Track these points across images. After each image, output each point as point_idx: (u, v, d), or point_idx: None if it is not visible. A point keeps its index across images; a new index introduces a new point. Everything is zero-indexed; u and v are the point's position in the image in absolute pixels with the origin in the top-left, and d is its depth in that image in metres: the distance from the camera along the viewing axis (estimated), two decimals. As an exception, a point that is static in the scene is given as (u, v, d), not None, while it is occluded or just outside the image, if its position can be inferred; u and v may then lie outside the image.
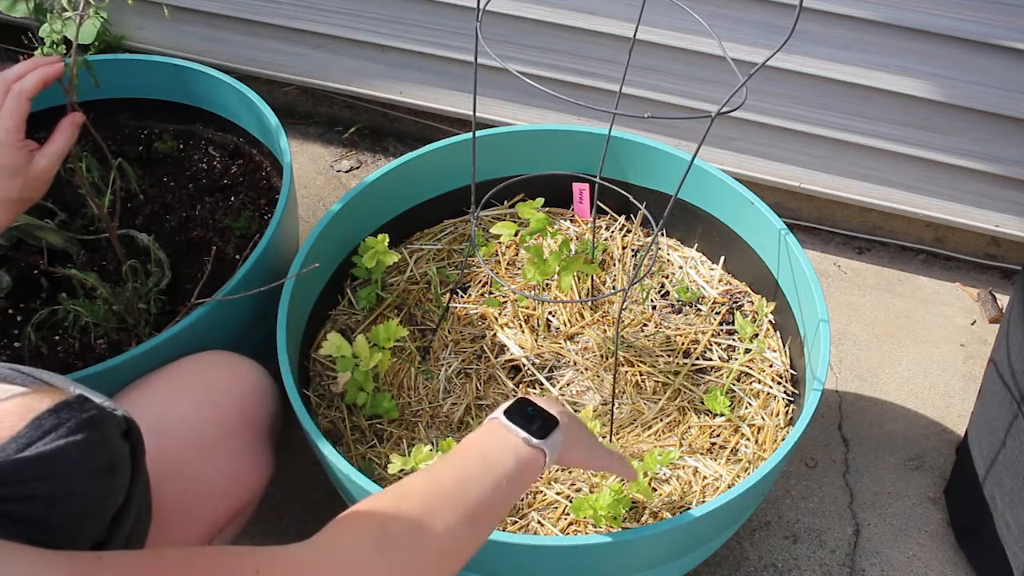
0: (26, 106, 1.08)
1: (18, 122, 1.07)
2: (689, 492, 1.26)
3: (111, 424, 0.76)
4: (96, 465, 0.72)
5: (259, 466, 1.19)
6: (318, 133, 2.15)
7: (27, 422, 0.70)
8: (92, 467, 0.72)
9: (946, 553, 1.49)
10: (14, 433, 0.70)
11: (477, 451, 0.91)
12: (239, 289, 1.27)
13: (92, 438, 0.72)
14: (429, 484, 0.87)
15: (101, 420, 0.74)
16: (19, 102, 1.07)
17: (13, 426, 0.70)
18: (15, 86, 1.08)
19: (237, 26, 1.96)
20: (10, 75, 1.10)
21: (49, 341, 1.36)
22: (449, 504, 0.84)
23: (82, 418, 0.72)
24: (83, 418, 0.72)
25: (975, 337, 1.79)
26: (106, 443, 0.74)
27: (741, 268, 1.51)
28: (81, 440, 0.71)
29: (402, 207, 1.53)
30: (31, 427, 0.70)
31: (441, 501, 0.84)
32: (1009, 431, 1.26)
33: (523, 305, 1.46)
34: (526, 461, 0.92)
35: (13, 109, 1.07)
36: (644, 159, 1.50)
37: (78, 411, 0.73)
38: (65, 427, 0.71)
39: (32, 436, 0.70)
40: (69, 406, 0.73)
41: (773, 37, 1.59)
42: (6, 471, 0.68)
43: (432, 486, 0.86)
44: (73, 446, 0.70)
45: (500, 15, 1.75)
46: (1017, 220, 1.75)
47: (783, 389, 1.37)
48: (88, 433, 0.72)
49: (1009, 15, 1.47)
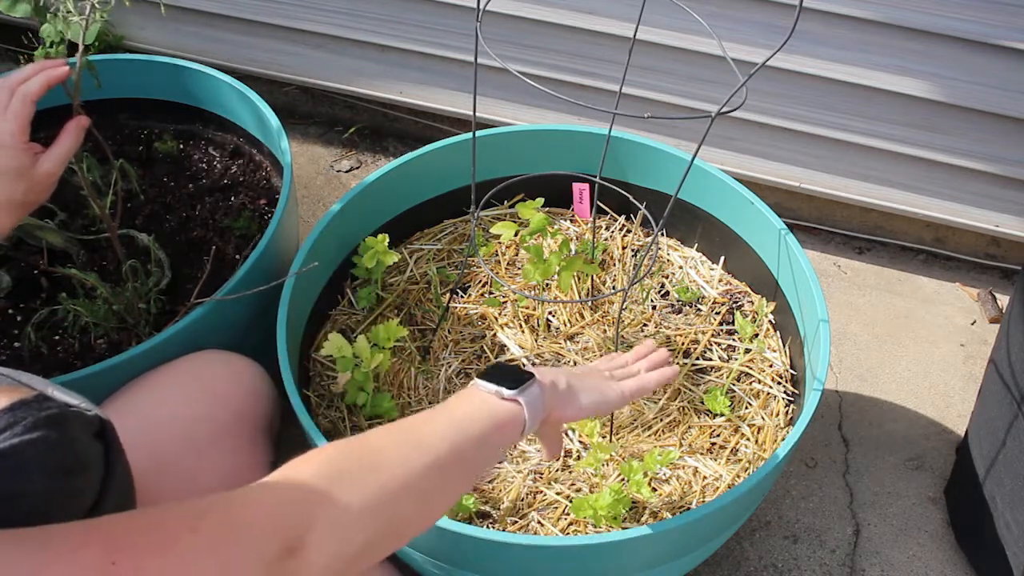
0: (30, 109, 1.08)
1: (22, 125, 1.07)
2: (689, 492, 1.26)
3: (74, 423, 0.74)
4: (55, 464, 0.71)
5: (255, 465, 1.19)
6: (318, 133, 2.15)
7: None
8: (50, 466, 0.70)
9: (946, 553, 1.49)
10: None
11: (446, 407, 0.90)
12: (239, 289, 1.27)
13: (50, 436, 0.70)
14: (389, 428, 0.85)
15: (61, 418, 0.72)
16: (24, 104, 1.07)
17: None
18: (20, 88, 1.08)
19: (237, 26, 1.96)
20: (15, 78, 1.10)
21: (49, 341, 1.36)
22: (413, 445, 0.82)
23: (39, 416, 0.71)
24: (40, 416, 0.71)
25: (975, 337, 1.79)
26: (69, 442, 0.73)
27: (741, 268, 1.51)
28: (37, 438, 0.69)
29: (402, 207, 1.53)
30: None
31: (400, 440, 0.82)
32: (1009, 431, 1.26)
33: (523, 305, 1.46)
34: (500, 413, 0.90)
35: (18, 111, 1.07)
36: (644, 159, 1.50)
37: (36, 409, 0.71)
38: (20, 425, 0.69)
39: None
40: (26, 404, 0.71)
41: (773, 37, 1.59)
42: None
43: (393, 430, 0.84)
44: (27, 444, 0.69)
45: (500, 15, 1.75)
46: (1017, 220, 1.75)
47: (783, 389, 1.37)
48: (46, 431, 0.70)
49: (1009, 15, 1.47)
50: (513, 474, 1.28)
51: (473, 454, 0.86)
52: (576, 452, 1.31)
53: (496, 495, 1.25)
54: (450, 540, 1.11)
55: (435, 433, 0.84)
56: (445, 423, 0.86)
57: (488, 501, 1.25)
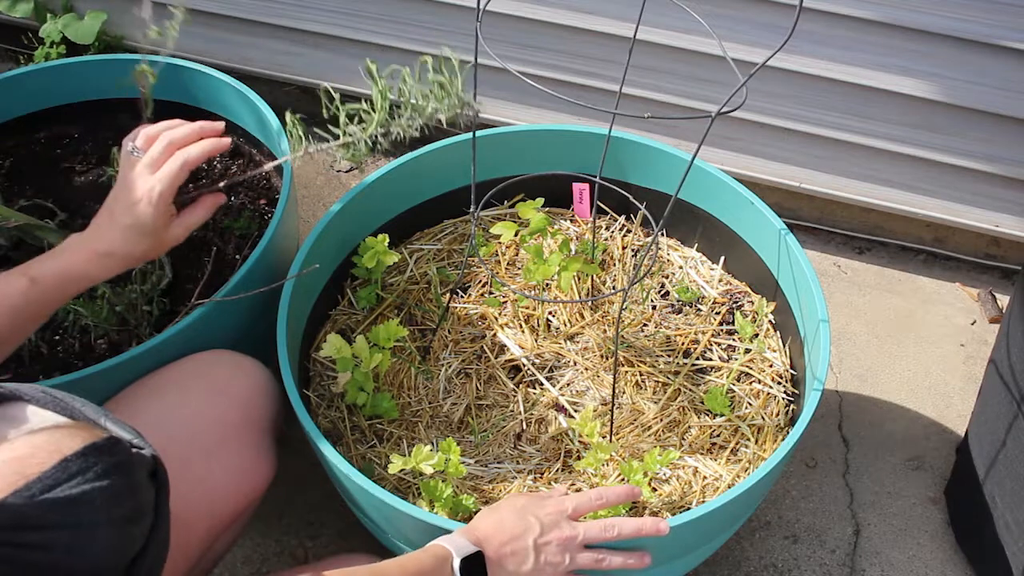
0: (185, 175, 1.08)
1: (173, 188, 1.07)
2: (689, 492, 1.26)
3: (140, 468, 0.74)
4: (120, 513, 0.71)
5: (263, 464, 1.20)
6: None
7: (54, 463, 0.68)
8: (115, 515, 0.70)
9: (946, 553, 1.49)
10: (40, 472, 0.68)
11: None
12: (239, 289, 1.27)
13: (119, 484, 0.71)
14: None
15: (129, 465, 0.72)
16: (183, 170, 1.08)
17: (41, 464, 0.68)
18: (181, 152, 1.08)
19: (237, 26, 1.96)
20: (177, 135, 1.09)
21: (49, 341, 1.36)
22: None
23: (110, 463, 0.71)
24: (111, 463, 0.71)
25: (975, 337, 1.79)
26: (133, 490, 0.73)
27: (741, 268, 1.51)
28: (107, 486, 0.69)
29: (402, 207, 1.53)
30: (58, 468, 0.68)
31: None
32: (1009, 431, 1.26)
33: (523, 305, 1.46)
34: None
35: (174, 175, 1.07)
36: (644, 159, 1.50)
37: (107, 455, 0.71)
38: (92, 471, 0.69)
39: (58, 478, 0.68)
40: (98, 449, 0.71)
41: (773, 37, 1.59)
42: (31, 514, 0.66)
43: None
44: (99, 492, 0.69)
45: (500, 15, 1.74)
46: (1017, 220, 1.75)
47: (783, 389, 1.37)
48: (115, 479, 0.70)
49: (1009, 15, 1.47)
50: (513, 474, 1.28)
51: None
52: (576, 452, 1.31)
53: (496, 495, 1.25)
54: (450, 540, 1.11)
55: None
56: None
57: (488, 501, 1.25)
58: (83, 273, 1.07)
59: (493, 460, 1.30)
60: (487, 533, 1.04)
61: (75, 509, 0.68)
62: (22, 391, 0.78)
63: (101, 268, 1.08)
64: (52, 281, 1.05)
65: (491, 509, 1.08)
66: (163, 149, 1.08)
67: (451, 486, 1.20)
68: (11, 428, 0.74)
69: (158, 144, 1.09)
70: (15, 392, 0.78)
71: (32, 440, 0.71)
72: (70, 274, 1.06)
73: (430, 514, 1.10)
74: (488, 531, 1.04)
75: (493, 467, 1.29)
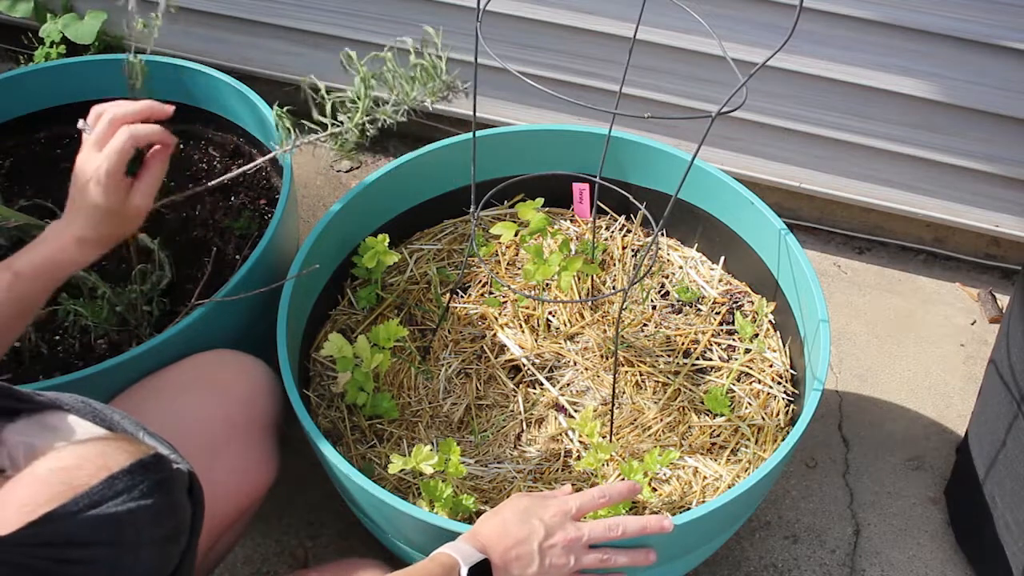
0: (131, 149, 1.06)
1: (120, 163, 1.05)
2: (689, 492, 1.26)
3: (180, 486, 0.74)
4: (161, 532, 0.71)
5: (266, 464, 1.20)
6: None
7: (102, 479, 0.68)
8: (157, 535, 0.70)
9: (946, 553, 1.49)
10: (89, 487, 0.67)
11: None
12: (239, 289, 1.27)
13: (161, 503, 0.70)
14: None
15: (172, 483, 0.72)
16: (127, 143, 1.05)
17: (89, 477, 0.68)
18: (126, 128, 1.06)
19: (237, 26, 1.96)
20: (119, 112, 1.07)
21: (49, 341, 1.36)
22: None
23: (155, 481, 0.70)
24: (156, 481, 0.70)
25: (975, 337, 1.79)
26: (174, 509, 0.73)
27: (741, 268, 1.51)
28: (151, 505, 0.69)
29: (402, 207, 1.53)
30: (104, 485, 0.68)
31: None
32: (1009, 431, 1.26)
33: (523, 305, 1.46)
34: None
35: (119, 150, 1.05)
36: (644, 159, 1.50)
37: (153, 472, 0.71)
38: (138, 489, 0.69)
39: (105, 494, 0.68)
40: (145, 467, 0.70)
41: (773, 37, 1.58)
42: (76, 530, 0.66)
43: None
44: (144, 510, 0.69)
45: (500, 15, 1.74)
46: (1017, 220, 1.75)
47: (783, 389, 1.37)
48: (158, 498, 0.70)
49: (1009, 15, 1.47)
50: (513, 474, 1.28)
51: None
52: (576, 452, 1.31)
53: (496, 495, 1.25)
54: (450, 540, 1.11)
55: None
56: None
57: (488, 501, 1.25)
58: (67, 259, 1.06)
59: (493, 460, 1.30)
60: (491, 538, 1.04)
61: (120, 528, 0.67)
62: (62, 400, 0.78)
63: (80, 253, 1.06)
64: (34, 272, 1.04)
65: (494, 512, 1.08)
66: (107, 124, 1.06)
67: (451, 486, 1.20)
68: (53, 437, 0.74)
69: (102, 121, 1.07)
70: (55, 401, 0.77)
71: (79, 451, 0.70)
72: (52, 262, 1.05)
73: (430, 514, 1.10)
74: (492, 536, 1.04)
75: (493, 467, 1.29)
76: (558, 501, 1.08)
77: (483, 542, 1.04)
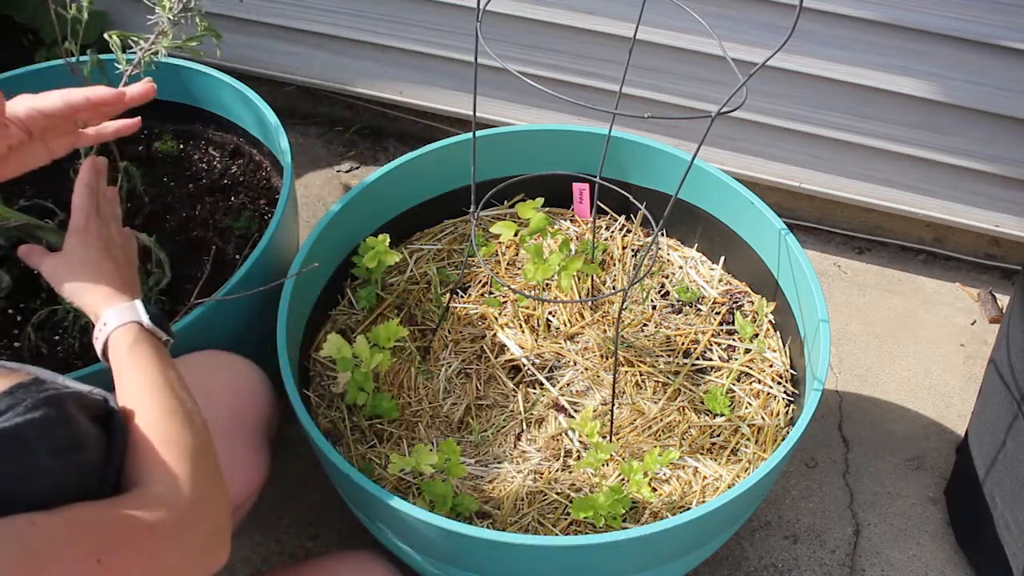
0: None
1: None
2: (689, 492, 1.26)
3: (70, 402, 0.77)
4: (58, 442, 0.74)
5: (252, 467, 1.18)
6: (318, 133, 2.15)
7: None
8: (54, 444, 0.73)
9: (946, 553, 1.49)
10: None
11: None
12: (239, 289, 1.27)
13: (50, 415, 0.73)
14: None
15: (58, 398, 0.75)
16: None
17: None
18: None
19: (237, 26, 1.96)
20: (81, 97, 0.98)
21: (49, 341, 1.36)
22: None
23: (39, 397, 0.73)
24: (40, 397, 0.74)
25: (975, 337, 1.79)
26: (67, 419, 0.76)
27: (741, 268, 1.51)
28: (39, 418, 0.72)
29: (402, 207, 1.53)
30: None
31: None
32: (1009, 431, 1.26)
33: (523, 305, 1.46)
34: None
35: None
36: (644, 159, 1.50)
37: (34, 391, 0.74)
38: (21, 406, 0.72)
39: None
40: (24, 387, 0.74)
41: (773, 37, 1.58)
42: None
43: None
44: (29, 424, 0.72)
45: (500, 15, 1.75)
46: (1017, 220, 1.75)
47: (783, 389, 1.37)
48: (45, 410, 0.73)
49: (1009, 15, 1.47)
50: (513, 474, 1.28)
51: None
52: (576, 452, 1.31)
53: (496, 495, 1.25)
54: (450, 540, 1.11)
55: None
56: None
57: (488, 501, 1.25)
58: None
59: (493, 460, 1.30)
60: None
61: (10, 441, 0.70)
62: None
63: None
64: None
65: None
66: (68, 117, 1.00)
67: (451, 486, 1.20)
68: None
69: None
70: None
71: None
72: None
73: (430, 514, 1.10)
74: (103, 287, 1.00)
75: (493, 467, 1.29)
76: None
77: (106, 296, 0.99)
